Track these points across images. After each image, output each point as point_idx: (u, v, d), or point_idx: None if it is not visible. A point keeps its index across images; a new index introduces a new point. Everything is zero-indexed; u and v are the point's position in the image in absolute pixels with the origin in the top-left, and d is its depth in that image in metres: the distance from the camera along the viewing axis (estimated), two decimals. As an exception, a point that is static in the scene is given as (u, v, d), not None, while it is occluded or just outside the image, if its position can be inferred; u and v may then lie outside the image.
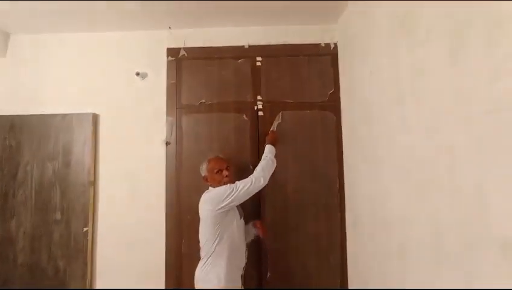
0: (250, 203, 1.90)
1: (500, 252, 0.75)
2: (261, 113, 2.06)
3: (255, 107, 2.06)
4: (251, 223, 1.86)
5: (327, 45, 2.09)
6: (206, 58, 2.10)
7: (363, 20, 1.64)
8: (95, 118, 2.06)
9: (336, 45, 2.08)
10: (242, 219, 1.75)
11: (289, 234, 1.99)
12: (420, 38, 1.10)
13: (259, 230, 1.83)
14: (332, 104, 2.05)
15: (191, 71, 2.10)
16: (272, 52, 2.09)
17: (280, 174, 1.94)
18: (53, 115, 2.05)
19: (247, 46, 2.10)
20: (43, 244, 1.95)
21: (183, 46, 2.11)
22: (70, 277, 1.92)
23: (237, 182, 1.63)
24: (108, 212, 2.03)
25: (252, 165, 1.95)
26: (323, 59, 2.09)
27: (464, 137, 0.87)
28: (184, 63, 2.11)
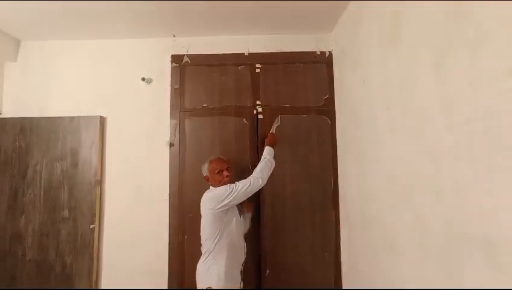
0: (252, 202, 1.96)
1: (480, 248, 0.79)
2: (261, 116, 2.10)
3: (255, 111, 2.10)
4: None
5: (322, 53, 2.14)
6: (208, 65, 2.14)
7: (355, 31, 1.67)
8: (102, 120, 2.09)
9: (331, 53, 2.12)
10: (241, 217, 1.76)
11: (286, 232, 2.02)
12: (407, 50, 1.14)
13: (247, 207, 1.89)
14: (327, 109, 2.09)
15: (193, 77, 2.14)
16: (271, 60, 2.13)
17: (278, 175, 1.97)
18: (61, 118, 2.06)
19: (247, 53, 2.14)
20: (51, 241, 1.96)
21: (186, 53, 2.15)
22: (77, 272, 1.94)
23: (237, 183, 1.64)
24: (114, 211, 2.05)
25: (251, 166, 1.98)
26: (319, 66, 2.13)
27: (447, 142, 0.91)
28: (187, 69, 2.14)
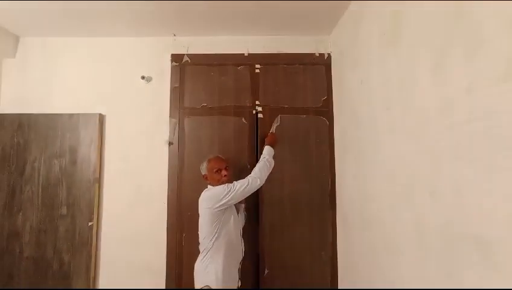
0: (251, 202, 1.97)
1: (475, 247, 0.79)
2: (261, 116, 2.09)
3: (254, 111, 2.09)
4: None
5: (321, 55, 2.14)
6: (208, 65, 2.12)
7: (354, 33, 1.67)
8: (101, 118, 2.06)
9: (330, 55, 2.12)
10: (239, 215, 1.75)
11: (285, 232, 2.02)
12: (407, 50, 1.14)
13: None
14: (326, 109, 2.09)
15: (193, 76, 2.12)
16: (270, 60, 2.12)
17: (277, 175, 1.96)
18: (60, 115, 2.03)
19: (247, 54, 2.13)
20: (49, 238, 1.94)
21: (186, 52, 2.13)
22: (74, 270, 1.91)
23: (235, 182, 1.63)
24: (112, 208, 2.03)
25: (249, 165, 1.98)
26: (318, 68, 2.13)
27: (445, 143, 0.91)
28: (187, 69, 2.13)
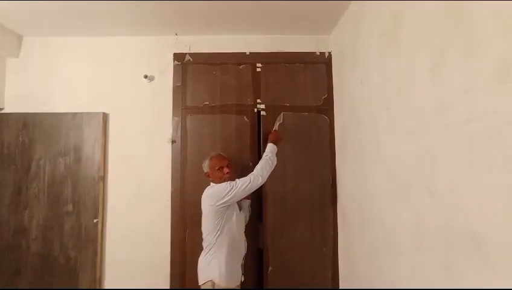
0: (255, 200, 1.99)
1: (472, 243, 0.81)
2: (264, 113, 2.09)
3: (255, 109, 2.09)
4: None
5: (322, 54, 2.14)
6: (210, 64, 2.12)
7: (355, 33, 1.67)
8: (105, 117, 2.07)
9: (330, 54, 2.13)
10: (242, 212, 1.76)
11: (287, 229, 2.03)
12: (406, 51, 1.14)
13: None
14: (326, 108, 2.09)
15: (195, 75, 2.12)
16: (271, 59, 2.12)
17: (279, 172, 1.96)
18: (64, 114, 2.03)
19: (248, 53, 2.13)
20: (55, 235, 1.95)
21: (188, 51, 2.13)
22: (81, 265, 1.94)
23: (237, 180, 1.64)
24: (117, 206, 2.04)
25: (251, 163, 1.99)
26: (318, 67, 2.13)
27: (444, 142, 0.92)
28: (189, 67, 2.13)
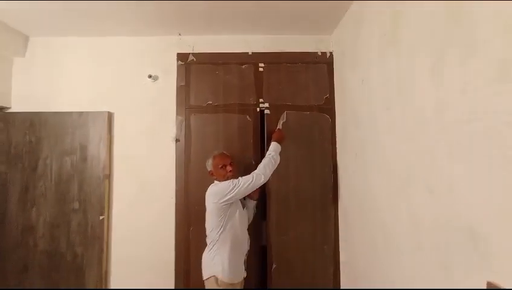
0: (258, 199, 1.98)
1: (467, 237, 0.83)
2: (268, 112, 2.11)
3: (258, 109, 2.11)
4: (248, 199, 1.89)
5: (323, 54, 2.15)
6: (213, 63, 2.14)
7: (355, 33, 1.68)
8: (110, 116, 2.08)
9: (332, 54, 2.14)
10: (245, 210, 1.78)
11: (290, 227, 2.05)
12: (406, 51, 1.15)
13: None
14: (328, 107, 2.11)
15: (199, 75, 2.14)
16: (274, 59, 2.13)
17: (282, 171, 1.98)
18: (70, 113, 2.05)
19: (250, 53, 2.14)
20: (62, 232, 1.98)
21: (192, 51, 2.14)
22: (87, 261, 1.96)
23: (240, 178, 1.66)
24: (122, 203, 2.06)
25: (254, 162, 2.01)
26: (320, 66, 2.14)
27: (443, 142, 0.93)
28: (192, 67, 2.14)
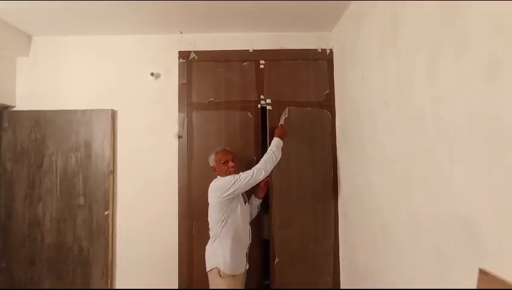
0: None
1: (462, 228, 0.86)
2: (270, 108, 2.12)
3: (259, 105, 2.13)
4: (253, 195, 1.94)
5: (323, 51, 2.16)
6: (214, 61, 2.15)
7: (357, 31, 1.69)
8: (113, 113, 2.10)
9: (332, 51, 2.15)
10: (247, 205, 1.81)
11: (292, 221, 2.08)
12: (403, 49, 1.17)
13: (260, 188, 1.92)
14: (328, 103, 2.12)
15: (200, 72, 2.15)
16: (274, 56, 2.15)
17: (284, 165, 2.00)
18: (74, 111, 2.07)
19: (251, 50, 2.16)
20: (68, 227, 2.02)
21: (193, 49, 2.16)
22: (93, 255, 2.00)
23: (241, 173, 1.69)
24: (126, 199, 2.10)
25: (255, 157, 2.04)
26: (320, 63, 2.15)
27: (438, 137, 0.95)
28: (194, 65, 2.16)
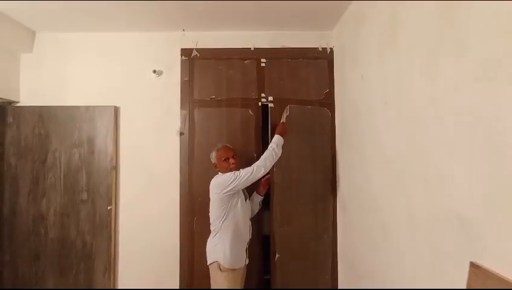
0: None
1: (457, 222, 0.88)
2: (272, 105, 2.14)
3: (260, 103, 2.14)
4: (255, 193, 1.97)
5: (324, 49, 2.17)
6: (216, 59, 2.16)
7: (357, 31, 1.70)
8: (116, 110, 2.12)
9: (332, 50, 2.16)
10: (247, 200, 1.83)
11: (292, 218, 2.09)
12: (403, 49, 1.18)
13: (261, 185, 1.96)
14: (328, 101, 2.14)
15: (202, 70, 2.16)
16: (275, 55, 2.16)
17: (285, 162, 2.01)
18: (77, 107, 2.09)
19: (253, 48, 2.17)
20: (72, 221, 2.04)
21: (195, 47, 2.17)
22: (96, 249, 2.03)
23: (241, 170, 1.71)
24: (129, 194, 2.12)
25: (255, 154, 2.06)
26: (320, 62, 2.17)
27: (434, 136, 0.97)
28: (196, 62, 2.17)
